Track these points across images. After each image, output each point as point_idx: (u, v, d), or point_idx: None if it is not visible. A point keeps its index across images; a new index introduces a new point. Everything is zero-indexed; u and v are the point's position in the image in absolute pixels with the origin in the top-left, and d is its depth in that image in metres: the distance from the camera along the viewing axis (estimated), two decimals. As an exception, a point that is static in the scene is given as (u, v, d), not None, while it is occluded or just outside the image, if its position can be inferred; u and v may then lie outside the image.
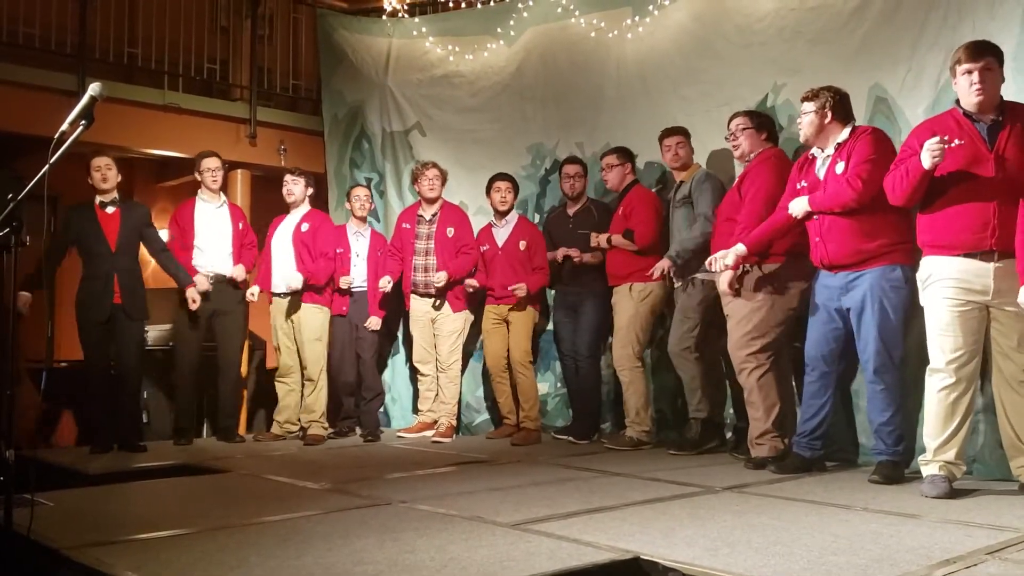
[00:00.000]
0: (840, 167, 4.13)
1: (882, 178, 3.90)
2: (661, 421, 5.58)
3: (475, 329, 6.14)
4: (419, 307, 6.01)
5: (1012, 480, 3.73)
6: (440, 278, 5.76)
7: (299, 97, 8.15)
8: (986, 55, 3.64)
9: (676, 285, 5.16)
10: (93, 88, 2.78)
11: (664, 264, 5.04)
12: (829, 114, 4.22)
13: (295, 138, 7.74)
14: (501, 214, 5.96)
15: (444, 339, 5.94)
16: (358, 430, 6.19)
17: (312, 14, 7.79)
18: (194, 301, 5.59)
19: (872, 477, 4.00)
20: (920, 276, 3.82)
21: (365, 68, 7.09)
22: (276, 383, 6.11)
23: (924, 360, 3.89)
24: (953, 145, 3.61)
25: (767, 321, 4.53)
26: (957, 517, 3.22)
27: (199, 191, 5.93)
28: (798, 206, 4.20)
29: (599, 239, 5.49)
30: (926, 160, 3.59)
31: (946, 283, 3.68)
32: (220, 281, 5.82)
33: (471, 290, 5.92)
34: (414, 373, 6.21)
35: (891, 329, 4.04)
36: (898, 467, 4.04)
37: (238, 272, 5.87)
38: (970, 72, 3.63)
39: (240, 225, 5.98)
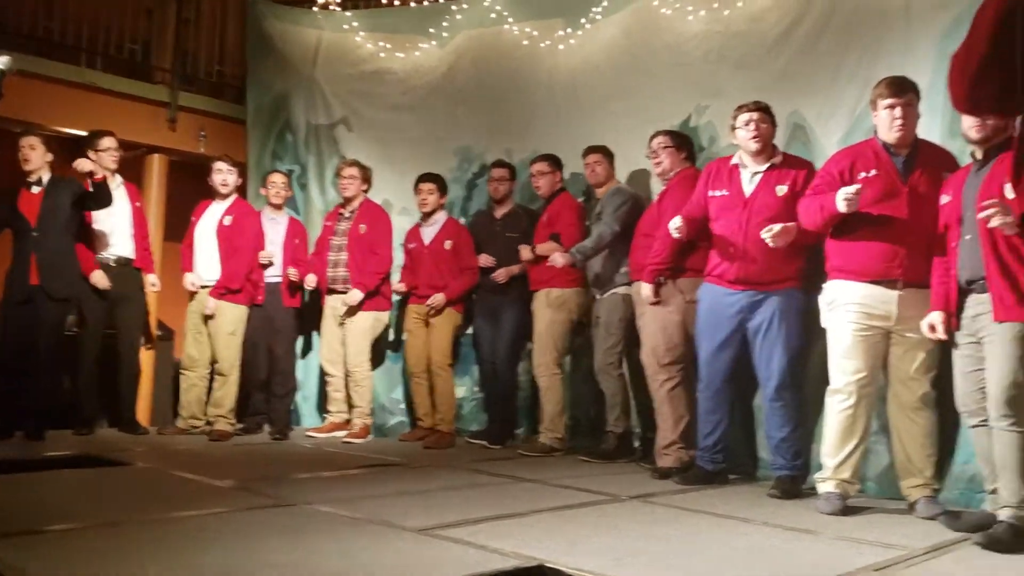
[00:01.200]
0: (782, 190, 4.20)
1: None
2: (575, 428, 5.63)
3: (391, 330, 6.11)
4: (331, 304, 5.96)
5: (902, 499, 3.89)
6: (354, 298, 5.77)
7: (223, 83, 7.97)
8: (908, 91, 3.79)
9: (598, 297, 5.22)
10: (3, 61, 2.68)
11: (563, 259, 4.99)
12: (774, 130, 4.36)
13: (216, 125, 7.58)
14: (427, 215, 5.94)
15: (353, 338, 5.88)
16: (267, 427, 6.09)
17: (241, 0, 7.64)
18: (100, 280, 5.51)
19: (771, 491, 4.12)
20: (825, 299, 3.92)
21: (293, 59, 6.99)
22: (180, 375, 5.97)
23: (823, 379, 4.05)
24: (868, 175, 3.77)
25: (680, 334, 4.63)
26: (850, 534, 3.34)
27: None
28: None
29: (524, 252, 5.52)
30: (841, 206, 3.69)
31: (851, 307, 3.80)
32: (122, 264, 5.68)
33: (401, 292, 5.96)
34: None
35: (795, 349, 4.19)
36: (796, 482, 4.17)
37: (152, 280, 5.88)
38: (892, 107, 3.76)
39: (137, 204, 5.86)
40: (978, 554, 3.08)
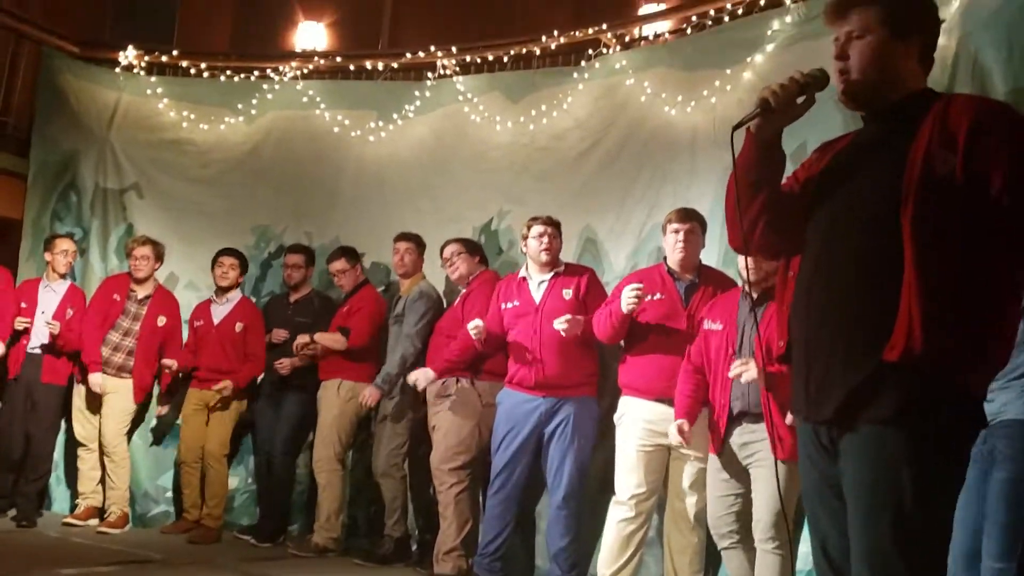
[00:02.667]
0: (568, 293, 4.35)
1: None
2: (352, 528, 5.42)
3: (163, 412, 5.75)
4: (96, 381, 5.48)
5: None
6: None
7: (5, 134, 7.40)
8: (692, 220, 4.07)
9: (390, 398, 5.13)
10: None
11: (372, 395, 4.97)
12: (562, 245, 4.54)
13: (-7, 177, 6.99)
14: (223, 290, 5.70)
15: (112, 417, 5.47)
16: (11, 512, 5.50)
17: (34, 50, 7.15)
18: None
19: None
20: (617, 415, 4.08)
21: (87, 118, 6.59)
22: None
23: (602, 489, 4.13)
24: (654, 299, 3.98)
25: (473, 438, 4.61)
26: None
27: None
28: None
29: (301, 339, 5.34)
30: (624, 306, 3.89)
31: (638, 424, 3.96)
32: None
33: (168, 372, 5.58)
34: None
35: (584, 458, 4.28)
36: (569, 593, 4.20)
37: None
38: (677, 232, 4.04)
39: None
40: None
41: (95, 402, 5.53)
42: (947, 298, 1.74)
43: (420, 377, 4.64)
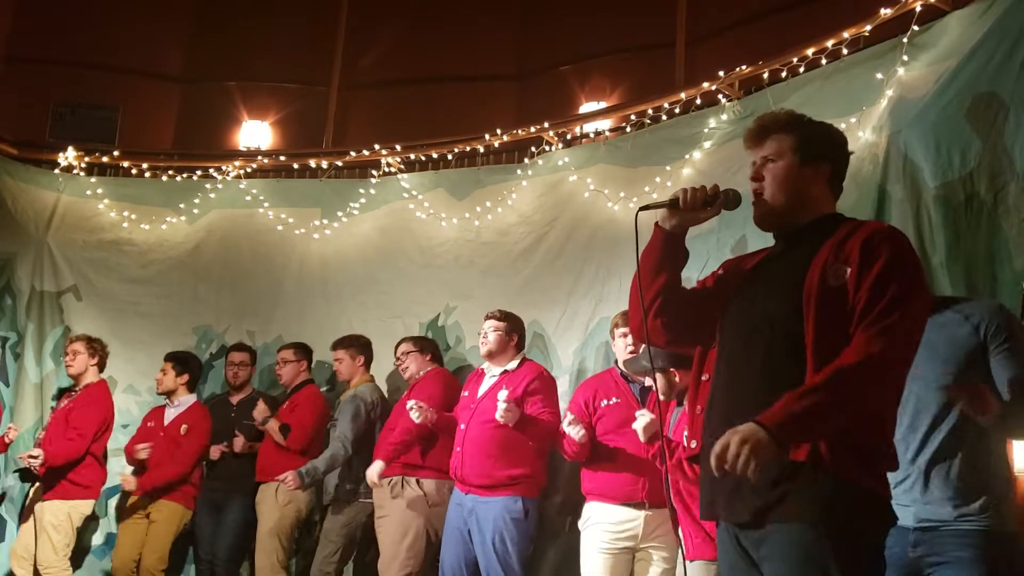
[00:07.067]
0: (504, 394, 4.22)
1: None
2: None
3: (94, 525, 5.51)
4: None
5: None
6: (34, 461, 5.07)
7: (-62, 236, 7.22)
8: None
9: (326, 502, 4.99)
10: None
11: (292, 480, 4.76)
12: (515, 338, 4.46)
13: (-77, 281, 6.78)
14: (173, 394, 5.53)
15: (44, 533, 5.14)
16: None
17: (-29, 152, 7.07)
18: None
19: None
20: (582, 520, 4.01)
21: (24, 220, 6.45)
22: None
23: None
24: (610, 403, 3.99)
25: (422, 542, 4.49)
26: None
27: None
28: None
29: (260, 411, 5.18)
30: (576, 437, 3.87)
31: (603, 528, 3.88)
32: None
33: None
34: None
35: (508, 560, 4.13)
36: None
37: None
38: (626, 335, 4.02)
39: None
40: None
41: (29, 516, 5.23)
42: None
43: (371, 472, 4.53)
